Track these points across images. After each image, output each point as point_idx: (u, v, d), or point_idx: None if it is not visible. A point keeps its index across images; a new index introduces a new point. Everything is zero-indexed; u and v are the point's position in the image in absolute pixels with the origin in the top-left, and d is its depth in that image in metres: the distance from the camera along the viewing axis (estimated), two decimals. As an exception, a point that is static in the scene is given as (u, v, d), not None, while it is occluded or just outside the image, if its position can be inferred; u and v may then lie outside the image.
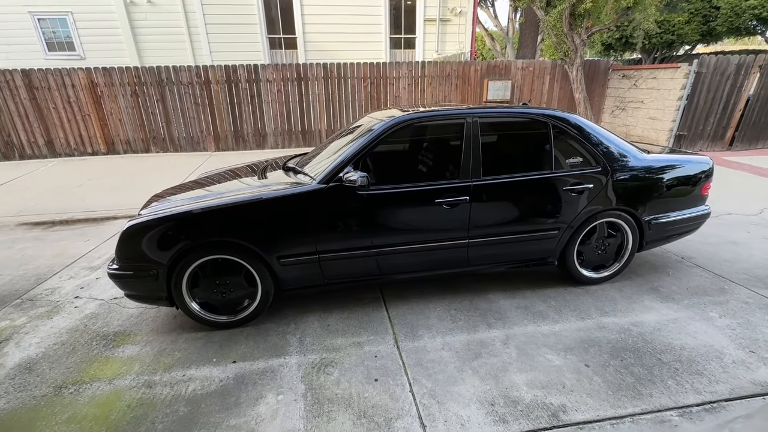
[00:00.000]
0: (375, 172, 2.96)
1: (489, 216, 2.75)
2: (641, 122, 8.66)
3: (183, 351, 2.46)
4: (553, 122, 2.82)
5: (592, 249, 3.06)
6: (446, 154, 2.88)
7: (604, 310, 2.79)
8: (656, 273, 3.31)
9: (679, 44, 14.86)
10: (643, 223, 3.00)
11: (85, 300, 3.07)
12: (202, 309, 2.59)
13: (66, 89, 7.65)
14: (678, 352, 2.34)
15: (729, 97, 7.77)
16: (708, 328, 2.57)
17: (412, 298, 2.98)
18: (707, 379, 2.13)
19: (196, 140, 8.47)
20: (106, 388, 2.16)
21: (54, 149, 8.03)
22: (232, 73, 8.10)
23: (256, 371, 2.26)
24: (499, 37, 18.92)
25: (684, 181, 3.08)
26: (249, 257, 2.51)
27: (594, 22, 8.08)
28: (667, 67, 7.95)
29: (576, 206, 2.84)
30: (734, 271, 3.30)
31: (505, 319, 2.71)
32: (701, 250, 3.72)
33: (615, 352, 2.36)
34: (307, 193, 2.49)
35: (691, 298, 2.92)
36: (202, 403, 2.04)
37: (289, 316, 2.80)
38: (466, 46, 10.71)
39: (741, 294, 2.96)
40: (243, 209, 2.44)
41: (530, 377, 2.17)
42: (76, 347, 2.51)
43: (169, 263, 2.41)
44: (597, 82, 9.44)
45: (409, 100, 8.92)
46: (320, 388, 2.12)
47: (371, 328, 2.65)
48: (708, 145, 8.20)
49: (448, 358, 2.34)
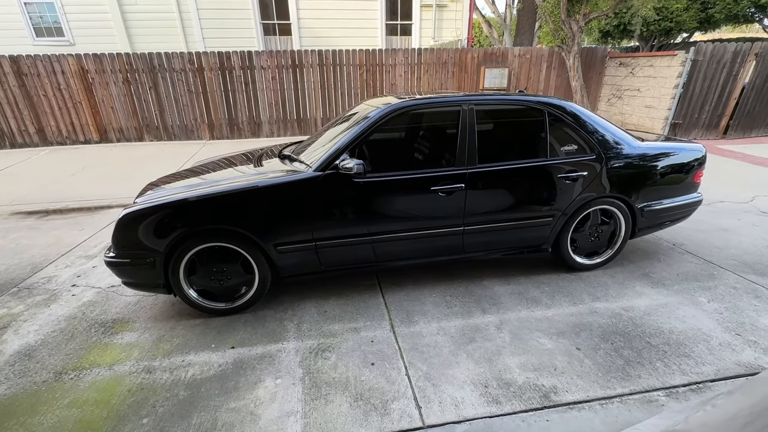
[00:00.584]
0: (371, 159, 2.97)
1: (484, 203, 2.77)
2: (637, 110, 8.66)
3: (181, 337, 2.48)
4: (548, 110, 2.83)
5: (586, 236, 3.10)
6: (442, 141, 2.88)
7: (596, 296, 2.84)
8: (648, 259, 3.37)
9: (677, 32, 14.77)
10: (636, 211, 3.03)
11: (82, 288, 3.08)
12: (199, 296, 2.61)
13: (56, 76, 7.52)
14: (667, 335, 2.41)
15: (724, 86, 7.79)
16: (696, 312, 2.63)
17: (408, 285, 3.02)
18: (694, 360, 2.20)
19: (190, 128, 8.38)
20: (106, 374, 2.18)
21: (45, 137, 7.92)
22: (225, 60, 7.99)
23: (255, 356, 2.30)
24: (496, 24, 18.69)
25: (677, 169, 3.11)
26: (246, 245, 2.52)
27: (591, 9, 8.00)
28: (664, 55, 7.93)
29: (570, 194, 2.87)
30: (724, 257, 3.37)
31: (500, 304, 2.76)
32: (693, 236, 3.78)
33: (606, 335, 2.42)
34: (303, 180, 2.49)
35: (681, 284, 2.98)
36: (202, 387, 2.08)
37: (286, 302, 2.84)
38: (463, 33, 10.59)
39: (729, 279, 3.03)
40: (239, 197, 2.44)
41: (523, 360, 2.22)
42: (74, 334, 2.53)
43: (166, 251, 2.42)
44: (594, 70, 9.41)
45: (405, 88, 8.85)
46: (318, 372, 2.17)
47: (368, 314, 2.68)
48: (702, 133, 8.24)
49: (443, 342, 2.38)
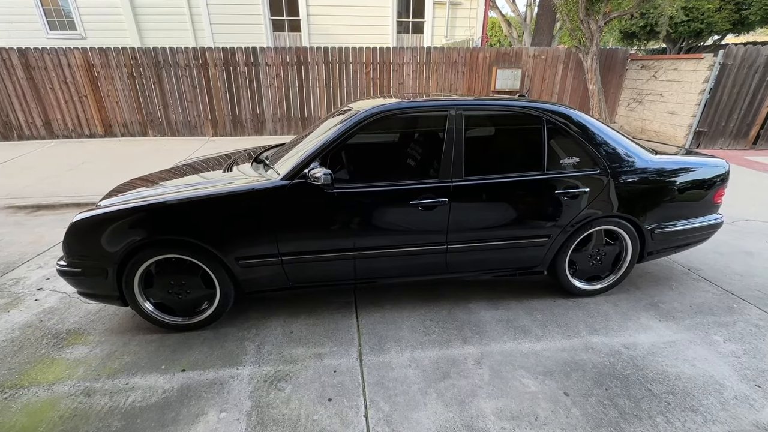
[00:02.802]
0: (348, 168, 2.73)
1: (471, 220, 2.50)
2: (658, 116, 8.15)
3: (133, 355, 2.30)
4: (548, 117, 2.53)
5: (587, 258, 2.78)
6: (425, 150, 2.62)
7: (595, 328, 2.53)
8: (658, 286, 3.02)
9: (708, 33, 13.96)
10: (645, 232, 2.70)
11: (47, 293, 2.94)
12: (156, 310, 2.43)
13: (62, 69, 7.53)
14: (672, 382, 2.09)
15: (756, 92, 7.21)
16: (709, 354, 2.30)
17: (386, 305, 2.77)
18: (702, 417, 1.88)
19: (194, 125, 8.30)
20: (42, 395, 2.01)
21: (52, 130, 7.97)
22: (230, 56, 7.86)
23: (204, 383, 2.09)
24: (516, 23, 18.15)
25: (695, 186, 2.76)
26: (205, 258, 2.32)
27: (612, 8, 7.53)
28: (690, 58, 7.40)
29: (570, 211, 2.56)
30: (746, 287, 2.99)
31: (483, 333, 2.48)
32: (711, 260, 3.40)
33: (600, 378, 2.11)
34: (267, 189, 2.27)
35: (693, 318, 2.63)
36: (138, 417, 1.88)
37: (252, 319, 2.62)
38: (476, 32, 10.22)
39: (751, 314, 2.66)
40: (195, 206, 2.23)
41: (500, 405, 1.95)
42: (24, 345, 2.38)
43: (118, 261, 2.24)
44: (614, 73, 8.90)
45: (413, 88, 8.56)
46: (268, 406, 1.94)
47: (336, 337, 2.45)
48: (730, 142, 7.68)
49: (413, 377, 2.13)
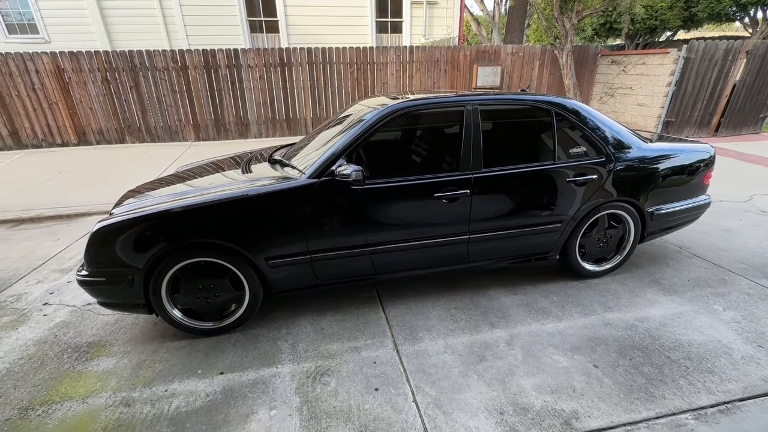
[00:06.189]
0: (368, 164, 2.78)
1: (491, 210, 2.61)
2: (630, 109, 8.64)
3: (165, 362, 2.26)
4: (556, 110, 2.67)
5: (594, 241, 2.96)
6: (444, 144, 2.70)
7: (608, 305, 2.71)
8: (656, 264, 3.25)
9: (662, 30, 14.89)
10: (646, 214, 2.91)
11: (54, 307, 2.82)
12: (184, 316, 2.39)
13: (29, 75, 7.12)
14: (686, 348, 2.28)
15: (716, 83, 7.79)
16: (713, 321, 2.51)
17: (409, 297, 2.84)
18: (718, 377, 2.07)
19: (175, 129, 8.05)
20: (78, 409, 1.95)
21: (20, 140, 7.51)
22: (210, 58, 7.68)
23: (246, 383, 2.09)
24: (485, 23, 18.65)
25: (687, 171, 2.99)
26: (234, 259, 2.30)
27: (584, 6, 7.92)
28: (657, 53, 7.90)
29: (580, 198, 2.72)
30: (732, 261, 3.27)
31: (508, 317, 2.60)
32: (698, 239, 3.68)
33: (623, 350, 2.27)
34: (296, 188, 2.29)
35: (693, 290, 2.86)
36: (187, 422, 1.86)
37: (279, 319, 2.63)
38: (454, 30, 10.44)
39: (742, 285, 2.92)
40: (227, 207, 2.22)
41: (539, 381, 2.06)
42: (44, 361, 2.28)
43: (146, 268, 2.19)
44: (586, 68, 9.35)
45: (398, 87, 8.66)
46: (317, 401, 1.97)
47: (368, 331, 2.50)
48: (695, 131, 8.24)
49: (451, 362, 2.21)
